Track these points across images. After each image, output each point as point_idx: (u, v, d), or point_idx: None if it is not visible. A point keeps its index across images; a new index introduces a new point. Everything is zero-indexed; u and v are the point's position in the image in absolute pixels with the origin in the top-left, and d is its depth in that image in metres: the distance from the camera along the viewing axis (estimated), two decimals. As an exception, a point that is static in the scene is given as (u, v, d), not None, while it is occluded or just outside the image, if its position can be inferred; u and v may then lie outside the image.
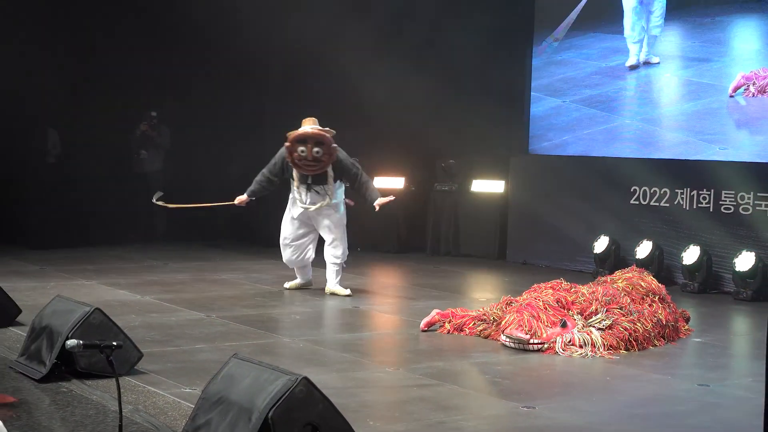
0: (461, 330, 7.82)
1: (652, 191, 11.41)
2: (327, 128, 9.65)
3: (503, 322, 7.48)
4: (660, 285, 8.27)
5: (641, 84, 11.82)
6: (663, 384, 6.48)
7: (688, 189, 11.04)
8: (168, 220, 13.09)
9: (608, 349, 7.20)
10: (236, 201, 9.99)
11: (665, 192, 11.27)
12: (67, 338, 5.73)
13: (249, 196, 9.95)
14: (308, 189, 9.66)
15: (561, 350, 7.14)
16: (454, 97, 13.01)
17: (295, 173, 9.63)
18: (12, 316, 7.69)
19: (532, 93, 12.91)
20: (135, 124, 13.98)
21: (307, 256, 9.91)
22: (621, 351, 7.25)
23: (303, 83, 13.68)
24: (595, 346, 7.18)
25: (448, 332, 7.83)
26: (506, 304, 7.79)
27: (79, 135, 13.60)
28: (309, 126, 9.58)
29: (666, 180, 11.22)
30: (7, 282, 9.27)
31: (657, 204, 11.35)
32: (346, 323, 8.24)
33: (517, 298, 7.78)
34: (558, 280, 7.94)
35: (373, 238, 13.63)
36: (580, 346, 7.18)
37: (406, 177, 13.87)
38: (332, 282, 9.73)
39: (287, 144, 9.50)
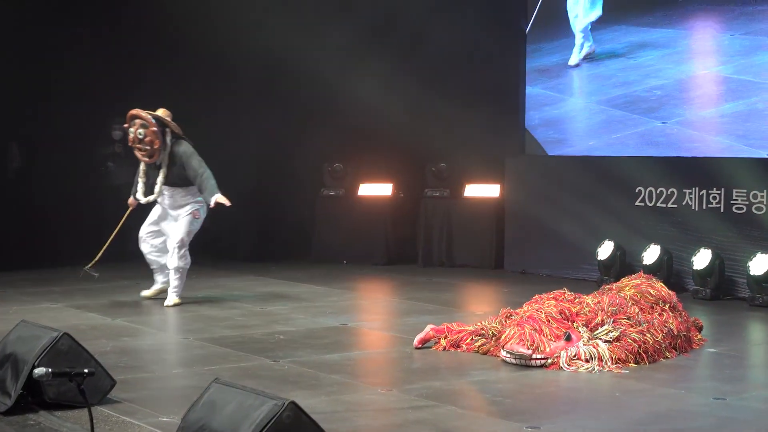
0: (458, 346, 7.83)
1: (658, 192, 11.45)
2: (171, 120, 10.03)
3: (503, 337, 7.49)
4: (670, 292, 8.30)
5: (674, 82, 11.60)
6: (676, 398, 6.49)
7: (697, 188, 11.07)
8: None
9: (616, 363, 7.21)
10: (128, 204, 10.39)
11: (672, 192, 11.31)
12: (34, 366, 5.71)
13: (133, 197, 10.35)
14: (145, 184, 10.11)
15: (566, 365, 7.15)
16: (444, 96, 13.04)
17: (142, 167, 10.13)
18: (-27, 344, 7.67)
19: (550, 94, 12.80)
20: (102, 135, 13.94)
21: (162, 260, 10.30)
22: (630, 364, 7.26)
23: (281, 87, 13.70)
24: (602, 360, 7.20)
25: (444, 349, 7.83)
26: (506, 317, 7.80)
27: (41, 147, 13.59)
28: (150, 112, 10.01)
29: (673, 179, 11.26)
30: (-33, 307, 9.28)
31: (664, 205, 11.38)
32: (334, 342, 8.24)
33: (517, 311, 7.79)
34: (560, 290, 7.95)
35: (359, 250, 13.65)
36: (587, 361, 7.19)
37: (394, 183, 13.90)
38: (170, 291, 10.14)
39: (124, 126, 10.06)
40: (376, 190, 13.92)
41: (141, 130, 9.87)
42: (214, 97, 14.01)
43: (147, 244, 10.27)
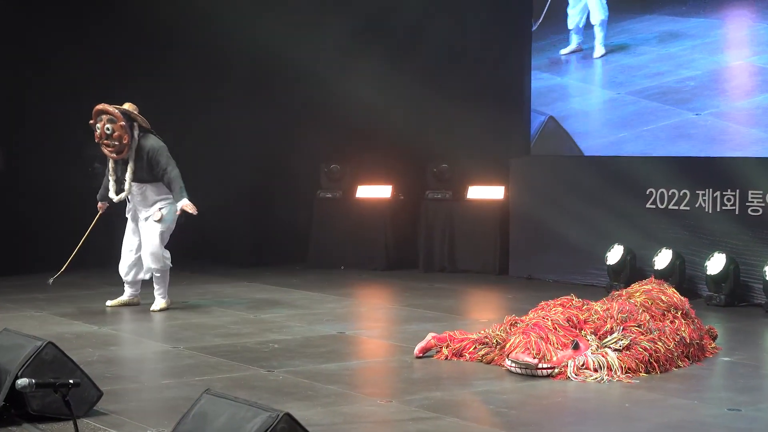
0: (461, 355, 7.83)
1: (670, 193, 11.45)
2: (138, 114, 10.15)
3: (508, 345, 7.49)
4: (683, 298, 8.30)
5: (708, 73, 11.48)
6: (689, 409, 6.49)
7: (711, 190, 11.08)
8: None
9: (626, 372, 7.22)
10: (98, 208, 10.60)
11: (685, 194, 11.31)
12: (17, 377, 5.71)
13: (100, 201, 10.57)
14: (120, 184, 10.19)
15: (573, 375, 7.15)
16: (446, 94, 13.04)
17: (111, 164, 10.25)
18: (-47, 354, 7.67)
19: (578, 84, 12.71)
20: (89, 136, 13.92)
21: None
22: (641, 374, 7.27)
23: (276, 85, 13.71)
24: (611, 370, 7.20)
25: (446, 358, 7.84)
26: (510, 324, 7.81)
27: (24, 150, 13.58)
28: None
29: (685, 180, 11.26)
30: (-53, 315, 9.28)
31: (676, 208, 11.39)
32: (331, 351, 8.24)
33: (523, 318, 7.80)
34: (568, 297, 7.96)
35: (357, 254, 13.65)
36: (595, 370, 7.19)
37: (394, 185, 13.90)
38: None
39: (91, 122, 10.13)
40: (374, 191, 13.92)
41: (109, 125, 9.97)
42: (207, 96, 14.01)
43: (125, 263, 10.41)
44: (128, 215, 10.37)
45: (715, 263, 10.60)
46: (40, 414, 5.94)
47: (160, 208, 10.17)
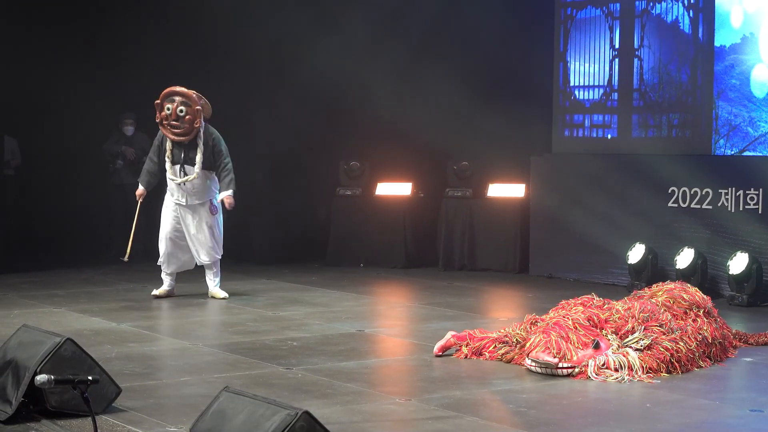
0: (480, 354, 7.83)
1: (692, 192, 11.42)
2: (205, 101, 10.41)
3: (528, 345, 7.49)
4: (705, 297, 8.28)
5: None
6: (710, 410, 6.48)
7: (734, 188, 11.04)
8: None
9: (647, 372, 7.21)
10: (137, 196, 10.70)
11: (707, 192, 11.27)
12: (36, 373, 5.74)
13: (143, 186, 10.68)
14: (182, 167, 10.32)
15: (594, 375, 7.15)
16: (466, 91, 13.03)
17: (168, 146, 10.33)
18: (-28, 350, 7.71)
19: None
20: (111, 132, 13.99)
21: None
22: (662, 374, 7.26)
23: (294, 81, 13.72)
24: (632, 369, 7.19)
25: (466, 357, 7.84)
26: (531, 323, 7.80)
27: (42, 143, 13.64)
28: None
29: (708, 179, 11.23)
30: (-34, 311, 9.33)
31: (698, 206, 11.36)
32: (350, 349, 8.25)
33: (543, 317, 7.79)
34: (589, 296, 7.95)
35: (377, 252, 13.65)
36: (616, 370, 7.19)
37: (414, 182, 13.90)
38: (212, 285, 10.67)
39: (157, 102, 10.31)
40: (394, 189, 13.92)
41: (183, 107, 10.20)
42: (227, 92, 14.02)
43: (169, 252, 10.62)
44: (172, 206, 10.48)
45: (738, 263, 10.57)
46: (58, 410, 5.98)
47: (211, 200, 10.44)
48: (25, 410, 6.02)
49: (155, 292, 10.71)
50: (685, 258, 11.01)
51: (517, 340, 7.72)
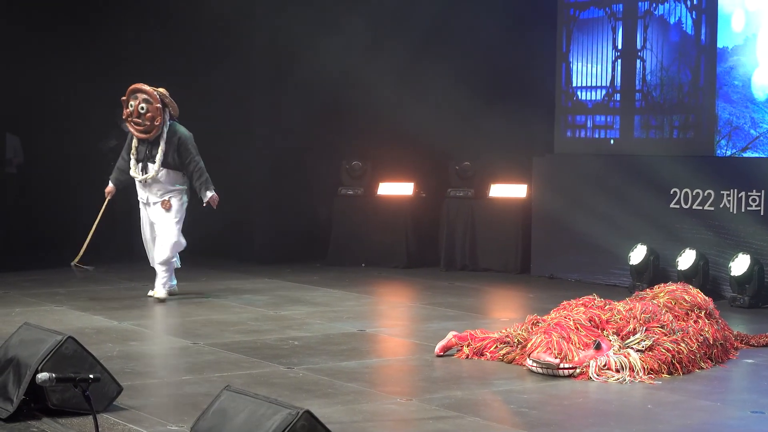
0: (481, 354, 7.83)
1: (694, 193, 11.42)
2: (170, 99, 10.38)
3: (529, 345, 7.49)
4: (706, 298, 8.28)
5: None
6: (711, 411, 6.48)
7: (735, 190, 11.04)
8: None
9: (648, 374, 7.21)
10: (106, 193, 10.71)
11: (709, 194, 11.27)
12: (37, 371, 5.75)
13: (113, 183, 10.70)
14: (144, 164, 10.31)
15: (595, 375, 7.15)
16: (468, 92, 13.02)
17: (134, 143, 10.37)
18: (-27, 348, 7.71)
19: None
20: (109, 128, 13.99)
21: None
22: (663, 375, 7.26)
23: (296, 82, 13.73)
24: (633, 370, 7.19)
25: (467, 357, 7.84)
26: (532, 324, 7.80)
27: (44, 141, 13.65)
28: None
29: (710, 180, 11.22)
30: (-33, 309, 9.33)
31: (700, 208, 11.35)
32: (351, 349, 8.25)
33: (545, 318, 7.79)
34: (590, 297, 7.95)
35: (378, 252, 13.65)
36: (617, 371, 7.18)
37: (416, 182, 13.90)
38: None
39: (123, 98, 10.32)
40: (396, 189, 13.92)
41: (144, 105, 10.20)
42: (228, 92, 14.05)
43: (151, 243, 10.60)
44: (141, 205, 10.54)
45: (739, 264, 10.57)
46: (59, 408, 5.98)
47: (169, 198, 10.34)
48: (26, 408, 6.03)
49: (151, 293, 10.66)
50: (686, 259, 11.00)
51: (518, 340, 7.71)
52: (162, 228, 10.37)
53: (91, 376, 5.02)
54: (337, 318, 9.70)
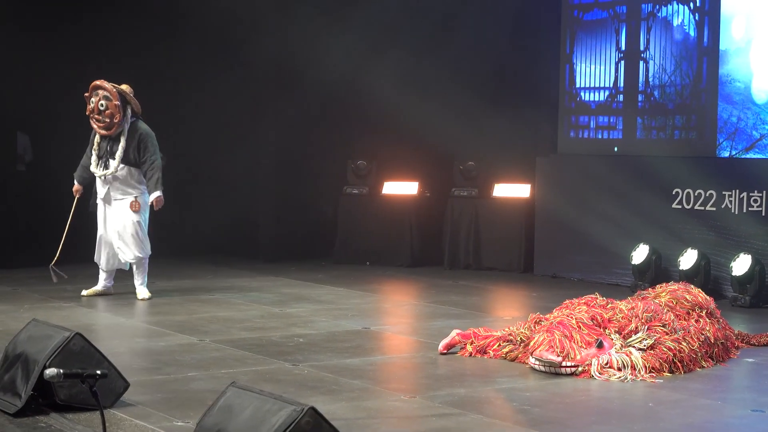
0: (485, 352, 7.83)
1: (696, 194, 11.41)
2: (133, 97, 10.30)
3: (532, 343, 7.49)
4: (708, 298, 8.28)
5: None
6: (712, 410, 6.48)
7: (737, 191, 11.03)
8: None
9: (650, 372, 7.20)
10: (74, 192, 10.65)
11: (711, 194, 11.26)
12: (45, 367, 5.75)
13: (78, 182, 10.63)
14: (104, 161, 10.27)
15: (597, 374, 7.15)
16: (473, 91, 13.02)
17: (96, 139, 10.32)
18: (-18, 343, 7.72)
19: None
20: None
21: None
22: (664, 374, 7.25)
23: (303, 80, 13.72)
24: (635, 369, 7.19)
25: (470, 355, 7.84)
26: (535, 322, 7.80)
27: (51, 140, 13.65)
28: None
29: (712, 181, 11.22)
30: (-24, 305, 9.34)
31: (702, 208, 11.35)
32: (355, 346, 8.26)
33: (547, 316, 7.79)
34: (592, 296, 7.94)
35: (383, 250, 13.66)
36: (619, 369, 7.18)
37: (420, 181, 13.90)
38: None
39: (86, 95, 10.32)
40: (401, 188, 13.93)
41: (103, 102, 10.15)
42: (234, 91, 14.05)
43: (104, 252, 10.51)
44: (99, 202, 10.43)
45: (741, 264, 10.56)
46: (67, 404, 5.99)
47: (135, 197, 10.29)
48: (34, 403, 6.04)
49: (84, 292, 10.55)
50: (688, 259, 11.00)
51: (521, 338, 7.71)
52: (130, 228, 10.27)
53: (99, 372, 5.04)
54: (341, 316, 9.71)
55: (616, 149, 12.56)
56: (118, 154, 10.21)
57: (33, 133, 13.83)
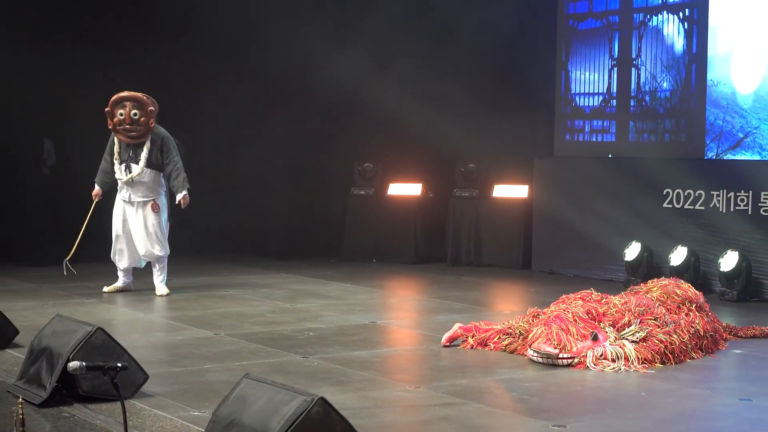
0: (485, 345, 7.83)
1: (686, 194, 11.40)
2: (150, 99, 10.20)
3: (530, 336, 7.49)
4: (697, 292, 8.28)
5: None
6: (702, 399, 6.47)
7: (725, 190, 11.02)
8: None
9: (643, 363, 7.20)
10: (93, 196, 10.53)
11: (700, 194, 11.25)
12: (69, 360, 5.77)
13: (99, 186, 10.51)
14: (127, 165, 10.17)
15: (592, 365, 7.14)
16: (475, 97, 13.01)
17: (116, 147, 10.20)
18: (9, 338, 7.73)
19: None
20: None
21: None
22: (656, 364, 7.25)
23: (312, 85, 13.73)
24: (628, 360, 7.19)
25: (472, 347, 7.84)
26: (533, 316, 7.80)
27: (76, 144, 13.66)
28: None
29: (701, 181, 11.21)
30: (3, 302, 9.35)
31: (692, 207, 11.33)
32: (363, 339, 8.26)
33: (545, 310, 7.79)
34: (588, 291, 7.94)
35: (388, 248, 13.65)
36: (613, 360, 7.18)
37: (424, 183, 13.90)
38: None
39: (107, 109, 10.11)
40: (405, 189, 13.92)
41: (136, 111, 10.05)
42: (246, 96, 14.06)
43: (122, 250, 10.46)
44: (119, 200, 10.38)
45: (729, 260, 10.54)
46: (89, 395, 6.00)
47: (154, 199, 10.26)
48: (58, 395, 6.05)
49: (105, 289, 10.55)
50: (678, 256, 10.99)
51: (520, 331, 7.71)
52: (152, 228, 10.25)
53: (119, 364, 5.03)
54: (349, 310, 9.71)
55: (610, 156, 12.55)
56: (143, 157, 10.15)
57: (56, 138, 13.84)
